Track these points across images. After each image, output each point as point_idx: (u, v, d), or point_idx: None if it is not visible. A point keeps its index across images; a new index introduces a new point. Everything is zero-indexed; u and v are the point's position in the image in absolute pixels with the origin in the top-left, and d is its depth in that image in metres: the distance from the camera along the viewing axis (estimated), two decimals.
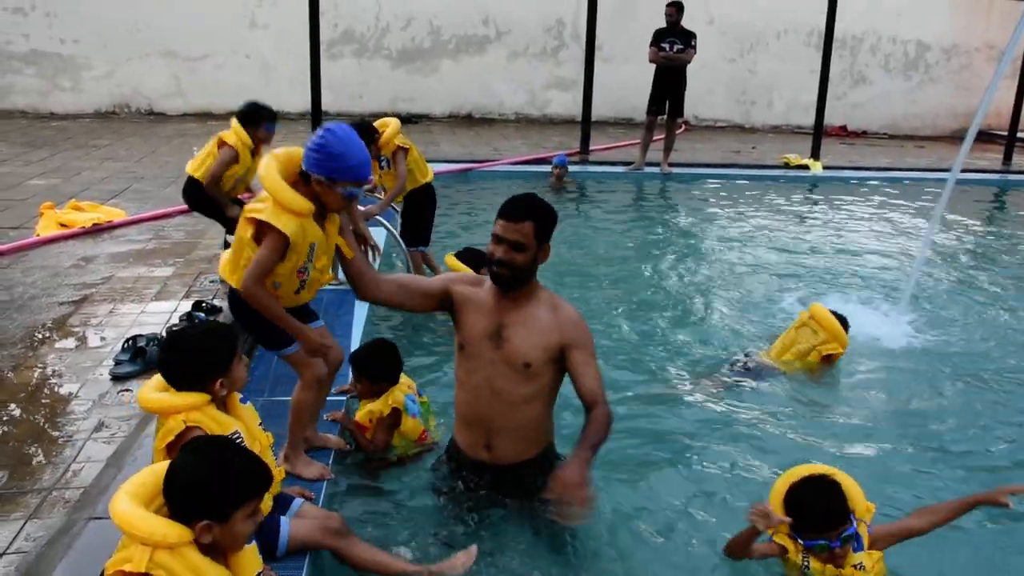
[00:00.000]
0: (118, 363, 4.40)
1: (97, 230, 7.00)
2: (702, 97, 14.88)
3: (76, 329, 4.97)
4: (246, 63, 14.47)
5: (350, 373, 4.06)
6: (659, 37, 11.20)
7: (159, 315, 5.18)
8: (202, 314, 5.00)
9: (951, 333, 6.07)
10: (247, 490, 2.23)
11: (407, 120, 14.86)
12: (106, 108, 14.28)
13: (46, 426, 3.83)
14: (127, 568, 2.10)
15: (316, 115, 11.03)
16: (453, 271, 5.27)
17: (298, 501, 3.00)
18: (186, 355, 2.70)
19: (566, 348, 3.29)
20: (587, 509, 2.87)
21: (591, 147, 12.32)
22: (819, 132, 13.01)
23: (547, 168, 10.75)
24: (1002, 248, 8.99)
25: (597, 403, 3.18)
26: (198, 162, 5.73)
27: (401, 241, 6.12)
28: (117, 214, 7.38)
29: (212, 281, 5.79)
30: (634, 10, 14.22)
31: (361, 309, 5.33)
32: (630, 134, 13.52)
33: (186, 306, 5.21)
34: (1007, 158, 14.18)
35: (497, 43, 15.50)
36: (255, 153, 5.70)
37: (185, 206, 7.68)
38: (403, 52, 15.23)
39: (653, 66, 11.35)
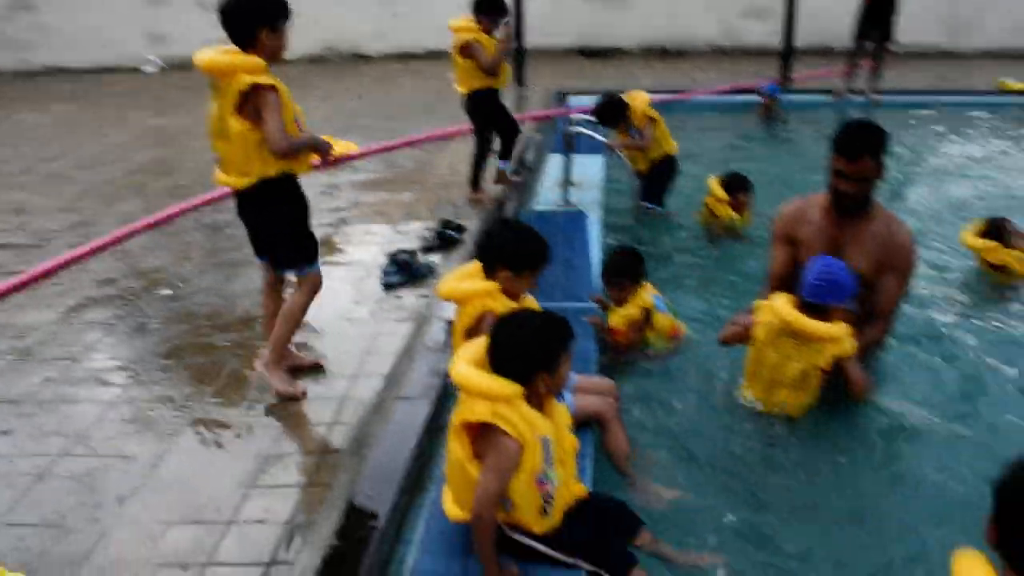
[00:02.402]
0: (387, 274, 4.91)
1: (334, 161, 7.57)
2: (905, 21, 14.05)
3: (341, 247, 5.53)
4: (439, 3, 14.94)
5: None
6: None
7: (410, 232, 5.67)
8: (451, 231, 5.44)
9: None
10: (563, 332, 2.56)
11: (601, 54, 14.96)
12: (316, 53, 15.16)
13: (340, 327, 4.38)
14: (472, 419, 2.49)
15: (519, 52, 11.33)
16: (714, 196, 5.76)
17: (572, 376, 3.27)
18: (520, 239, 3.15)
19: (885, 268, 3.52)
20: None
21: (792, 76, 11.99)
22: None
23: (747, 98, 10.61)
24: None
25: (879, 318, 3.49)
26: (461, 80, 6.11)
27: (638, 197, 6.40)
28: (351, 147, 7.94)
29: (451, 204, 6.22)
30: None
31: (595, 228, 5.61)
32: (827, 63, 13.01)
33: (432, 224, 5.66)
34: None
35: None
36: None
37: (410, 137, 8.28)
38: None
39: None
